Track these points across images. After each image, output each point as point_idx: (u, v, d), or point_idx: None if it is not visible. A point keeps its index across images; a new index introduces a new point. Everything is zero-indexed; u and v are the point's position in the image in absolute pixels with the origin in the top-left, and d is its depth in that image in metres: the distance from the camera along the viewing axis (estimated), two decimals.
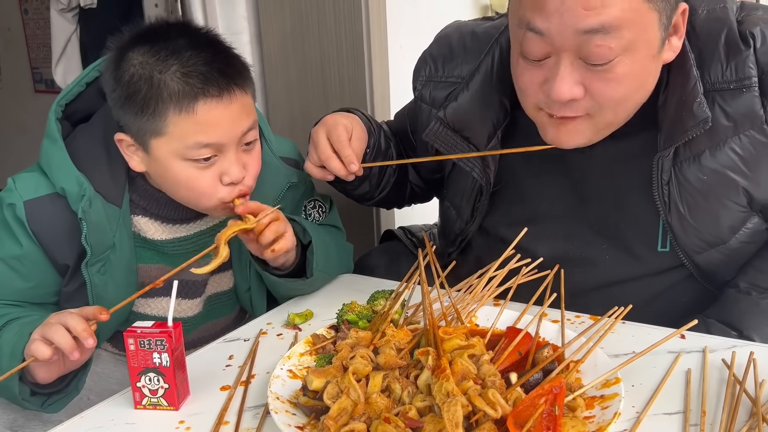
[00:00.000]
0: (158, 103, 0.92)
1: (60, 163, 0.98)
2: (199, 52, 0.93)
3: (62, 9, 2.65)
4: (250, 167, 1.00)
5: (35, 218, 0.97)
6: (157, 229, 1.06)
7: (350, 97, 1.74)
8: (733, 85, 0.89)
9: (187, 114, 0.92)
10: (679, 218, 0.97)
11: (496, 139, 1.05)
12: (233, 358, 0.95)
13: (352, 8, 1.67)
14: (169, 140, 0.94)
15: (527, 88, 0.92)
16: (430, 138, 1.08)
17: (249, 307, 1.20)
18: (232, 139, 0.96)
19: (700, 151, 0.93)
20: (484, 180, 1.07)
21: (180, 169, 0.96)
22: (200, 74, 0.92)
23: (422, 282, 0.90)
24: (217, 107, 0.93)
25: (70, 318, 0.81)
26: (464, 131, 1.05)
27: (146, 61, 0.93)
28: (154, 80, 0.92)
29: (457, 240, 1.18)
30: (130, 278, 1.06)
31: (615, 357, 0.86)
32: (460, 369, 0.73)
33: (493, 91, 1.04)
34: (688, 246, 0.99)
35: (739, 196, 0.94)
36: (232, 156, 0.97)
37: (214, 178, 0.97)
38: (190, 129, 0.93)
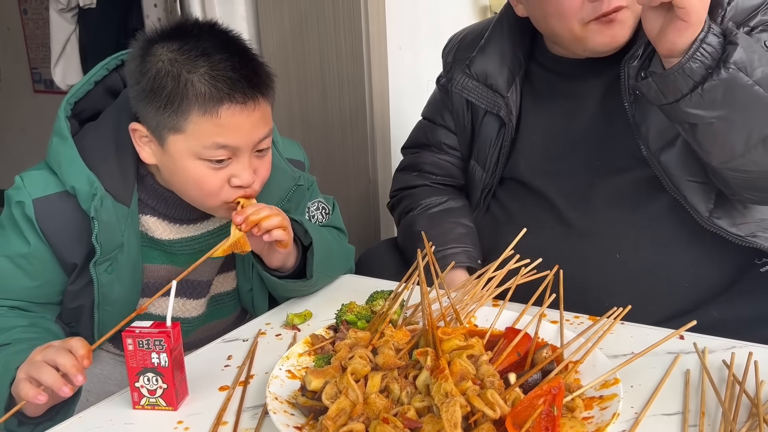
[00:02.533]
0: (183, 102, 0.92)
1: (70, 161, 0.97)
2: (229, 57, 0.94)
3: (61, 9, 2.65)
4: (260, 173, 1.00)
5: (44, 216, 0.96)
6: (165, 228, 1.06)
7: (349, 97, 1.74)
8: None
9: (210, 116, 0.92)
10: (642, 112, 1.10)
11: (515, 84, 1.22)
12: (232, 358, 0.95)
13: (351, 9, 1.67)
14: (187, 138, 0.94)
15: (571, 7, 1.05)
16: (459, 89, 1.24)
17: (251, 307, 1.20)
18: (248, 145, 0.96)
19: None
20: (507, 119, 1.22)
21: (193, 167, 0.96)
22: (228, 79, 0.92)
23: (421, 282, 0.90)
24: (241, 113, 0.93)
25: (59, 356, 0.78)
26: (488, 80, 1.22)
27: (175, 58, 0.93)
28: (181, 78, 0.92)
29: (482, 195, 1.29)
30: (136, 277, 1.06)
31: (614, 357, 0.86)
32: (458, 369, 0.73)
33: (506, 45, 1.22)
34: (650, 141, 1.10)
35: None
36: (245, 160, 0.97)
37: (223, 179, 0.97)
38: (210, 130, 0.93)
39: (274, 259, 1.06)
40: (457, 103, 1.30)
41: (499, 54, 1.22)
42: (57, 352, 0.79)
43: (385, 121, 1.77)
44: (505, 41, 1.23)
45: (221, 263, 1.15)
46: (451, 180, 1.36)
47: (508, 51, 1.22)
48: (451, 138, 1.34)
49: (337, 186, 1.78)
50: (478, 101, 1.24)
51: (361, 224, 1.78)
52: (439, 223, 1.26)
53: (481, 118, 1.27)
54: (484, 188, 1.29)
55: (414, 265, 1.01)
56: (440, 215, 1.28)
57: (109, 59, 1.07)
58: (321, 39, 1.75)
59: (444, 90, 1.34)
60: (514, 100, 1.22)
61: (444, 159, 1.35)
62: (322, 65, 1.76)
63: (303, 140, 1.53)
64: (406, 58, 1.83)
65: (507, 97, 1.21)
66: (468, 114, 1.29)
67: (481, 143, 1.27)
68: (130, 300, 1.06)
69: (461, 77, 1.24)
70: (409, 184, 1.37)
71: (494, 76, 1.22)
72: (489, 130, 1.26)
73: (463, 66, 1.24)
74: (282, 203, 1.10)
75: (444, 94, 1.34)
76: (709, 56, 0.89)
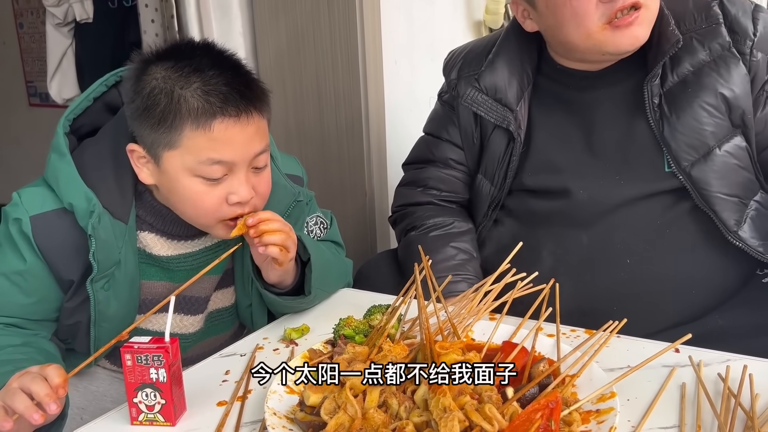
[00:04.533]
0: (176, 117, 0.92)
1: (68, 178, 0.97)
2: (222, 72, 0.94)
3: (58, 24, 2.66)
4: (259, 189, 1.00)
5: (41, 233, 0.96)
6: (162, 245, 1.06)
7: (345, 111, 1.75)
8: (705, 25, 1.13)
9: (203, 130, 0.92)
10: (670, 128, 1.12)
11: (524, 98, 1.23)
12: (230, 373, 0.95)
13: (347, 24, 1.69)
14: (182, 154, 0.94)
15: (587, 10, 1.08)
16: (469, 103, 1.26)
17: (249, 323, 1.20)
18: (243, 160, 0.96)
19: (684, 73, 1.13)
20: (516, 133, 1.22)
21: (189, 184, 0.96)
22: (220, 93, 0.93)
23: (418, 296, 0.90)
24: (234, 127, 0.94)
25: (34, 383, 0.77)
26: (497, 94, 1.24)
27: (168, 75, 0.94)
28: (174, 95, 0.92)
29: (490, 208, 1.30)
30: (133, 294, 1.05)
31: (610, 371, 0.86)
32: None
33: (514, 60, 1.24)
34: (680, 156, 1.12)
35: (717, 101, 1.11)
36: (241, 176, 0.97)
37: (220, 196, 0.97)
38: (204, 145, 0.93)
39: (271, 274, 1.06)
40: (464, 118, 1.30)
41: (508, 68, 1.24)
42: (33, 379, 0.78)
43: (381, 134, 1.78)
44: (513, 55, 1.24)
45: (219, 279, 1.15)
46: (456, 196, 1.36)
47: (516, 65, 1.24)
48: (457, 153, 1.34)
49: (334, 200, 1.79)
50: (488, 115, 1.24)
51: (358, 238, 1.79)
52: (441, 248, 1.25)
53: (489, 132, 1.27)
54: (491, 202, 1.29)
55: (411, 279, 1.02)
56: (443, 239, 1.27)
57: (108, 76, 1.08)
58: (317, 53, 1.77)
59: (448, 105, 1.34)
60: (523, 114, 1.23)
61: (449, 174, 1.35)
62: (319, 79, 1.77)
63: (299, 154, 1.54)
64: (402, 73, 1.85)
65: (516, 111, 1.23)
66: (477, 129, 1.29)
67: (490, 158, 1.28)
68: (127, 316, 1.06)
69: (471, 91, 1.25)
70: (413, 200, 1.36)
71: (503, 91, 1.23)
72: (498, 144, 1.26)
73: (472, 80, 1.26)
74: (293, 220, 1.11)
75: (448, 109, 1.34)
76: None
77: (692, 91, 1.12)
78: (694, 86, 1.12)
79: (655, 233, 1.15)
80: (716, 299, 1.15)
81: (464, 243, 1.28)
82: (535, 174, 1.24)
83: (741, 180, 1.14)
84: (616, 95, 1.18)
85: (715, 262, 1.15)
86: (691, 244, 1.15)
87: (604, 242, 1.16)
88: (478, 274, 1.25)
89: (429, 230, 1.30)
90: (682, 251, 1.15)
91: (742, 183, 1.14)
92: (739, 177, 1.14)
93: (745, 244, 1.12)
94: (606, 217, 1.17)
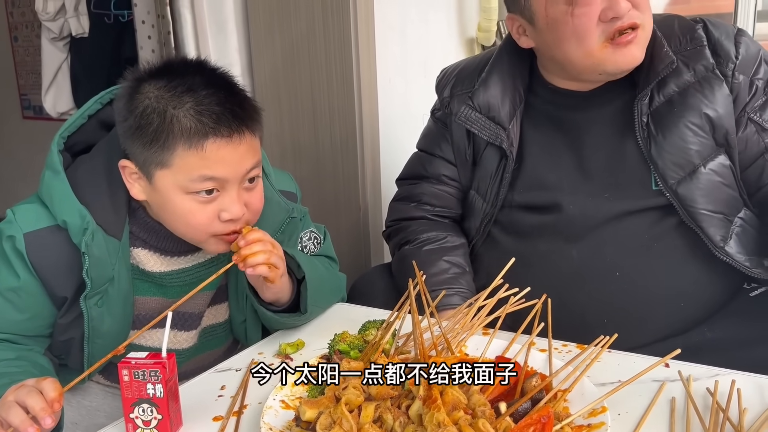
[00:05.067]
0: (169, 137, 0.93)
1: (62, 196, 0.98)
2: (215, 91, 0.95)
3: (53, 38, 2.67)
4: (251, 205, 1.01)
5: (35, 250, 0.97)
6: (156, 261, 1.07)
7: (340, 127, 1.77)
8: (689, 47, 1.17)
9: (195, 150, 0.93)
10: (657, 147, 1.15)
11: (516, 116, 1.26)
12: (225, 388, 0.95)
13: (342, 41, 1.71)
14: (174, 172, 0.95)
15: (588, 27, 1.11)
16: (462, 120, 1.28)
17: (243, 338, 1.20)
18: (235, 177, 0.97)
19: (670, 94, 1.16)
20: (509, 150, 1.24)
21: (180, 202, 0.97)
22: (213, 114, 0.93)
23: (413, 312, 0.92)
24: (226, 146, 0.95)
25: (29, 397, 0.78)
26: (490, 112, 1.26)
27: (161, 95, 0.94)
28: (167, 114, 0.93)
29: (482, 224, 1.31)
30: (127, 310, 1.06)
31: (601, 386, 0.88)
32: (450, 399, 0.74)
33: (507, 79, 1.26)
34: (667, 174, 1.15)
35: (701, 120, 1.14)
36: (233, 193, 0.98)
37: (212, 213, 0.98)
38: (196, 163, 0.94)
39: (267, 293, 1.07)
40: (457, 135, 1.32)
41: (500, 87, 1.26)
42: (28, 393, 0.79)
43: (375, 150, 1.80)
44: (506, 75, 1.27)
45: (213, 295, 1.16)
46: (449, 211, 1.37)
47: (509, 84, 1.26)
48: (450, 169, 1.36)
49: (328, 214, 1.80)
50: (481, 132, 1.27)
51: (352, 252, 1.80)
52: (435, 261, 1.27)
53: (482, 149, 1.29)
54: (484, 217, 1.31)
55: (405, 294, 1.03)
56: (436, 253, 1.29)
57: (102, 93, 1.09)
58: (312, 70, 1.79)
59: (441, 122, 1.37)
60: (515, 132, 1.26)
61: (442, 190, 1.37)
62: (314, 96, 1.79)
63: (294, 169, 1.55)
64: (396, 89, 1.87)
65: (508, 129, 1.25)
66: (469, 146, 1.31)
67: (482, 174, 1.30)
68: (120, 333, 1.07)
69: (464, 109, 1.27)
70: (407, 215, 1.38)
71: (496, 109, 1.26)
72: (490, 161, 1.28)
73: (465, 98, 1.28)
74: (275, 235, 1.12)
75: (441, 126, 1.36)
76: None
77: (678, 111, 1.15)
78: (680, 106, 1.15)
79: (644, 248, 1.17)
80: (704, 312, 1.17)
81: (457, 257, 1.30)
82: (526, 191, 1.26)
83: (725, 197, 1.16)
84: (605, 115, 1.21)
85: (702, 275, 1.17)
86: (679, 258, 1.17)
87: (594, 256, 1.18)
88: (471, 288, 1.26)
89: (422, 244, 1.32)
90: (671, 265, 1.17)
91: (726, 200, 1.16)
92: (723, 194, 1.16)
93: (732, 258, 1.15)
94: (595, 232, 1.19)
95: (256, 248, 0.98)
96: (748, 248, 1.17)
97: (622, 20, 1.09)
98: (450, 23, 2.12)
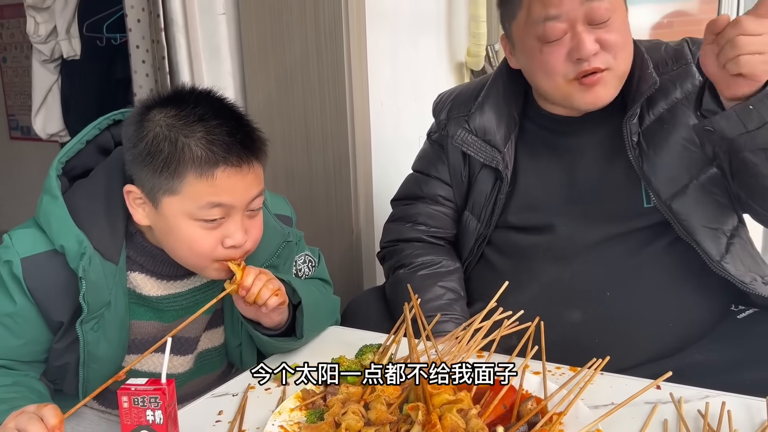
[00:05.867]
0: (179, 165, 0.95)
1: (60, 221, 0.99)
2: (225, 122, 0.98)
3: (44, 60, 2.68)
4: (251, 232, 1.03)
5: (32, 275, 0.98)
6: (153, 285, 1.07)
7: (333, 152, 1.79)
8: (676, 67, 1.20)
9: (206, 178, 0.95)
10: (649, 164, 1.17)
11: (511, 141, 1.29)
12: (222, 413, 0.95)
13: (335, 66, 1.74)
14: (182, 199, 0.97)
15: (555, 66, 1.15)
16: (459, 143, 1.30)
17: (239, 362, 1.21)
18: (241, 204, 0.99)
19: (660, 112, 1.19)
20: (504, 173, 1.27)
21: (186, 228, 0.98)
22: (224, 143, 0.96)
23: (409, 337, 0.93)
24: (236, 175, 0.97)
25: (30, 425, 0.79)
26: (486, 135, 1.29)
27: (172, 123, 0.96)
28: (178, 143, 0.95)
29: (476, 244, 1.33)
30: (122, 335, 1.06)
31: (595, 408, 0.89)
32: (449, 424, 0.75)
33: (501, 104, 1.30)
34: (661, 190, 1.17)
35: (691, 134, 1.16)
36: (237, 220, 1.00)
37: (216, 240, 0.99)
38: (205, 191, 0.96)
39: (268, 323, 1.08)
40: (453, 157, 1.35)
41: (496, 111, 1.29)
42: (29, 421, 0.79)
43: (367, 173, 1.82)
44: (501, 99, 1.30)
45: (209, 319, 1.16)
46: (444, 231, 1.39)
47: (504, 109, 1.29)
48: (446, 189, 1.38)
49: (321, 238, 1.81)
50: (477, 155, 1.29)
51: (345, 275, 1.81)
52: (429, 287, 1.28)
53: (477, 171, 1.32)
54: (478, 237, 1.33)
55: (401, 318, 1.04)
56: (431, 278, 1.30)
57: (100, 120, 1.10)
58: (305, 94, 1.81)
59: (437, 144, 1.39)
60: (510, 155, 1.28)
61: (438, 210, 1.38)
62: (307, 120, 1.81)
63: (287, 192, 1.56)
64: (388, 114, 1.90)
65: (504, 151, 1.27)
66: (465, 167, 1.34)
67: (477, 195, 1.33)
68: (116, 357, 1.07)
69: (461, 132, 1.30)
70: (402, 236, 1.40)
71: (492, 132, 1.28)
72: (485, 182, 1.31)
73: (462, 122, 1.31)
74: (272, 259, 1.13)
75: (437, 148, 1.39)
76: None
77: (668, 128, 1.18)
78: (669, 123, 1.18)
79: (635, 269, 1.19)
80: (694, 333, 1.19)
81: (452, 282, 1.31)
82: (519, 212, 1.29)
83: (719, 210, 1.19)
84: (597, 139, 1.24)
85: (692, 296, 1.19)
86: (670, 279, 1.19)
87: (586, 277, 1.20)
88: (465, 314, 1.27)
89: (417, 269, 1.33)
90: (661, 286, 1.19)
91: (720, 213, 1.19)
92: (717, 207, 1.18)
93: (728, 273, 1.16)
94: (587, 253, 1.21)
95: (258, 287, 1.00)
96: (743, 262, 1.19)
97: (588, 62, 1.12)
98: (440, 48, 2.16)
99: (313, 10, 1.74)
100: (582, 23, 1.12)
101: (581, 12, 1.11)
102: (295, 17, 1.77)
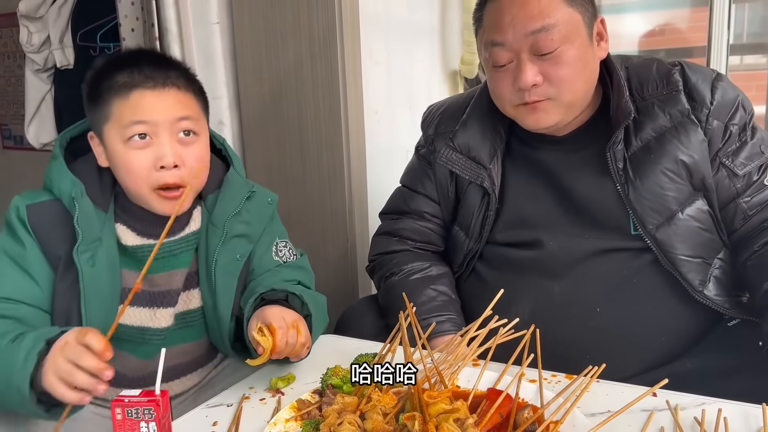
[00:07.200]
0: (107, 92, 1.09)
1: (58, 171, 1.12)
2: (153, 60, 1.12)
3: (38, 69, 2.67)
4: (187, 161, 1.10)
5: (34, 216, 1.09)
6: (130, 236, 1.15)
7: (327, 160, 1.79)
8: (665, 92, 1.19)
9: (125, 99, 1.08)
10: (635, 192, 1.17)
11: (497, 156, 1.28)
12: (217, 424, 0.95)
13: (329, 75, 1.74)
14: (113, 124, 1.08)
15: (502, 91, 1.18)
16: (444, 161, 1.31)
17: (216, 331, 1.19)
18: (163, 121, 1.08)
19: (647, 138, 1.18)
20: (491, 189, 1.27)
21: (122, 152, 1.08)
22: (142, 72, 1.08)
23: (404, 345, 0.92)
24: (151, 95, 1.08)
25: (82, 358, 0.85)
26: (470, 152, 1.29)
27: (107, 66, 1.10)
28: (108, 76, 1.09)
29: (466, 259, 1.33)
30: (115, 279, 1.12)
31: (591, 416, 0.89)
32: None
33: (486, 120, 1.30)
34: (646, 220, 1.17)
35: (677, 167, 1.16)
36: (165, 141, 1.08)
37: (149, 162, 1.08)
38: (127, 112, 1.07)
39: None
40: (440, 173, 1.34)
41: (480, 129, 1.29)
42: (79, 354, 0.85)
43: (362, 182, 1.82)
44: (485, 116, 1.30)
45: (186, 276, 1.18)
46: (430, 246, 1.39)
47: (488, 125, 1.29)
48: (432, 206, 1.37)
49: (316, 246, 1.81)
50: (462, 173, 1.29)
51: (339, 283, 1.80)
52: (422, 290, 1.28)
53: (465, 187, 1.31)
54: (467, 253, 1.32)
55: (396, 327, 1.04)
56: (423, 282, 1.30)
57: None
58: (299, 103, 1.81)
59: (424, 160, 1.38)
60: (497, 171, 1.28)
61: (424, 226, 1.38)
62: (301, 129, 1.81)
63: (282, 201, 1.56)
64: (382, 123, 1.90)
65: (489, 168, 1.27)
66: (452, 183, 1.33)
67: (465, 211, 1.32)
68: (111, 306, 1.11)
69: (445, 150, 1.30)
70: (389, 249, 1.40)
71: (477, 149, 1.28)
72: (473, 199, 1.31)
73: (447, 139, 1.31)
74: (240, 210, 1.17)
75: (425, 163, 1.38)
76: None
77: (654, 157, 1.16)
78: (657, 152, 1.16)
79: (624, 284, 1.19)
80: (684, 344, 1.19)
81: (443, 286, 1.31)
82: (508, 229, 1.29)
83: (704, 241, 1.18)
84: (582, 158, 1.23)
85: (682, 310, 1.19)
86: (658, 294, 1.19)
87: (575, 292, 1.20)
88: (459, 315, 1.27)
89: (408, 274, 1.33)
90: (650, 301, 1.19)
91: (705, 244, 1.18)
92: (702, 239, 1.18)
93: (711, 301, 1.17)
94: (576, 268, 1.21)
95: (284, 344, 1.00)
96: (726, 289, 1.20)
97: (528, 92, 1.14)
98: (434, 56, 2.17)
99: (307, 19, 1.74)
100: (527, 53, 1.13)
101: (527, 42, 1.12)
102: (289, 26, 1.78)
